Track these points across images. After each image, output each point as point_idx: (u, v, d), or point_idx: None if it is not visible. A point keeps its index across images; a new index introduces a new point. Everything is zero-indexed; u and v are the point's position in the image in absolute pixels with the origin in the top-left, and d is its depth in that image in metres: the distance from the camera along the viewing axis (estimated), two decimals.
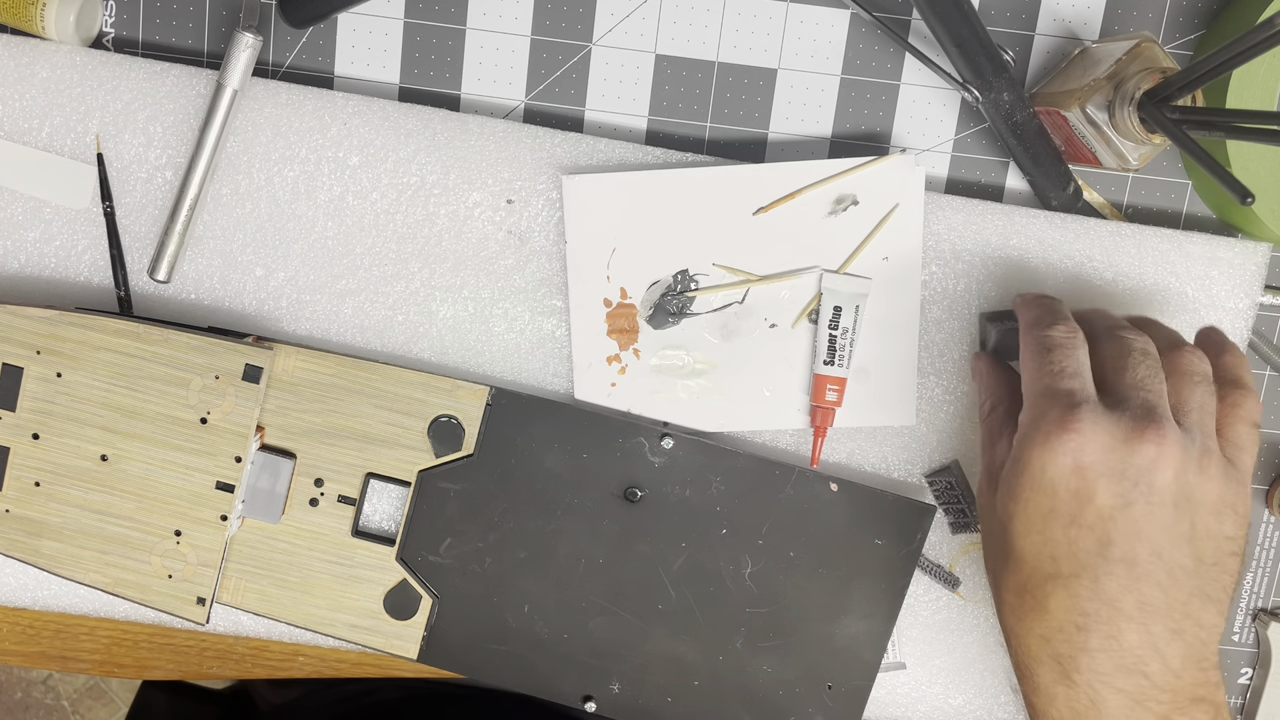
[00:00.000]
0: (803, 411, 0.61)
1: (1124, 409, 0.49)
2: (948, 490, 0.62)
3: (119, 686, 1.54)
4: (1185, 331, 0.62)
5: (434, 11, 0.61)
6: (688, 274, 0.60)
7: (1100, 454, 0.48)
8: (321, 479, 0.59)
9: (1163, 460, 0.48)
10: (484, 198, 0.60)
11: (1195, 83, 0.51)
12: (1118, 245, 0.61)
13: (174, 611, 0.58)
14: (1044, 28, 0.61)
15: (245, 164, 0.60)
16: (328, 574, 0.60)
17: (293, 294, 0.61)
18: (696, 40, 0.61)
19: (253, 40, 0.57)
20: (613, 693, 0.60)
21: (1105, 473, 0.48)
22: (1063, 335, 0.52)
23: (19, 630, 0.64)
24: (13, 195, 0.60)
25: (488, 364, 0.61)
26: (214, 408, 0.57)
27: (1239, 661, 0.67)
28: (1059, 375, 0.50)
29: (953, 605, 0.63)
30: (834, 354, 0.60)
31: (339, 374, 0.58)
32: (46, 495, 0.57)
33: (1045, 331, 0.52)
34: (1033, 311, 0.54)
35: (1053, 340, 0.52)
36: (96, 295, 0.61)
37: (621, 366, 0.61)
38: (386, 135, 0.60)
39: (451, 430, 0.59)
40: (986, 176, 0.62)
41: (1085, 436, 0.48)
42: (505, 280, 0.61)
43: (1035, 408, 0.50)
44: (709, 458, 0.59)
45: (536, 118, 0.62)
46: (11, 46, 0.59)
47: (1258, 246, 0.61)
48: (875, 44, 0.61)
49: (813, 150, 0.62)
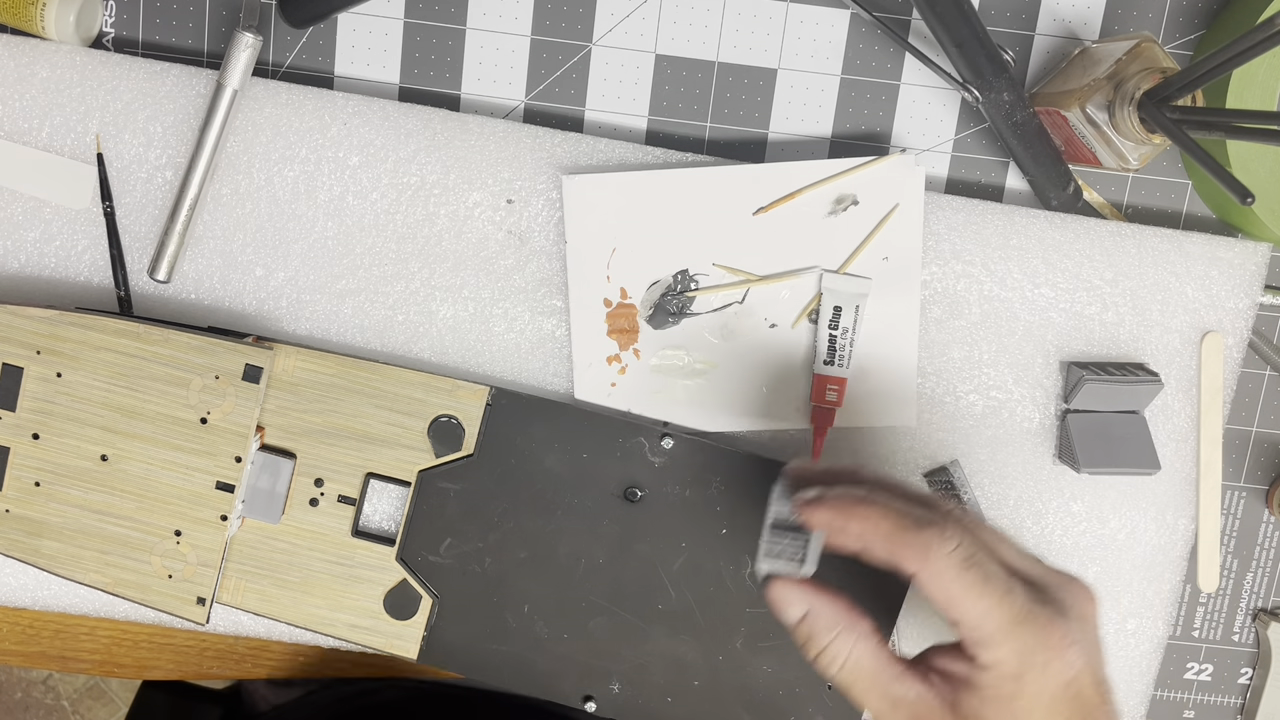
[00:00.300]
0: (803, 411, 0.61)
1: (1046, 593, 0.45)
2: (948, 490, 0.62)
3: (119, 686, 1.54)
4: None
5: (434, 11, 0.61)
6: (688, 274, 0.60)
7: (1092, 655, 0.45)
8: (321, 479, 0.59)
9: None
10: (484, 198, 0.60)
11: (1195, 83, 0.51)
12: (1118, 245, 0.61)
13: (174, 611, 0.58)
14: (1044, 28, 0.61)
15: (245, 164, 0.60)
16: (328, 574, 0.60)
17: (293, 294, 0.61)
18: (696, 40, 0.61)
19: (253, 40, 0.57)
20: (613, 693, 0.60)
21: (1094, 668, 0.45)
22: (971, 545, 0.44)
23: (19, 630, 0.64)
24: (13, 195, 0.60)
25: (488, 364, 0.61)
26: (214, 408, 0.57)
27: (1239, 661, 0.67)
28: (1016, 596, 0.44)
29: None
30: (834, 354, 0.60)
31: (339, 374, 0.58)
32: (46, 495, 0.57)
33: (953, 551, 0.44)
34: (888, 523, 0.45)
35: (978, 558, 0.44)
36: (96, 295, 0.61)
37: (621, 366, 0.61)
38: (386, 135, 0.60)
39: (451, 430, 0.59)
40: (986, 176, 0.62)
41: (1080, 646, 0.44)
42: (505, 280, 0.61)
43: (1015, 638, 0.43)
44: (709, 458, 0.59)
45: (536, 118, 0.62)
46: (11, 46, 0.59)
47: (1258, 246, 0.61)
48: (875, 44, 0.61)
49: (813, 150, 0.62)
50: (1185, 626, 0.66)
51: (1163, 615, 0.63)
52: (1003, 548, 0.46)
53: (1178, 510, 0.63)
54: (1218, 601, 0.66)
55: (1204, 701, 0.67)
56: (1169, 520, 0.63)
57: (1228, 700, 0.67)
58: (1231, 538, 0.65)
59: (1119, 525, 0.63)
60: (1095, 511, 0.63)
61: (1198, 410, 0.62)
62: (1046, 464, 0.62)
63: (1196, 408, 0.62)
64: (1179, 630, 0.66)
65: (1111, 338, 0.62)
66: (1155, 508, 0.63)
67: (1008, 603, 0.43)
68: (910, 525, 0.44)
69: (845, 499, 0.46)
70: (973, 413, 0.62)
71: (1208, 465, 0.62)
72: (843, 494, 0.46)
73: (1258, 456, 0.65)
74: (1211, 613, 0.66)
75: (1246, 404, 0.64)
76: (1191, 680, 0.67)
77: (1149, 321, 0.62)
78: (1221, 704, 0.67)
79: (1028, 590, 0.44)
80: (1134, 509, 0.63)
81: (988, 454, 0.62)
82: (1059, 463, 0.62)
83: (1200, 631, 0.66)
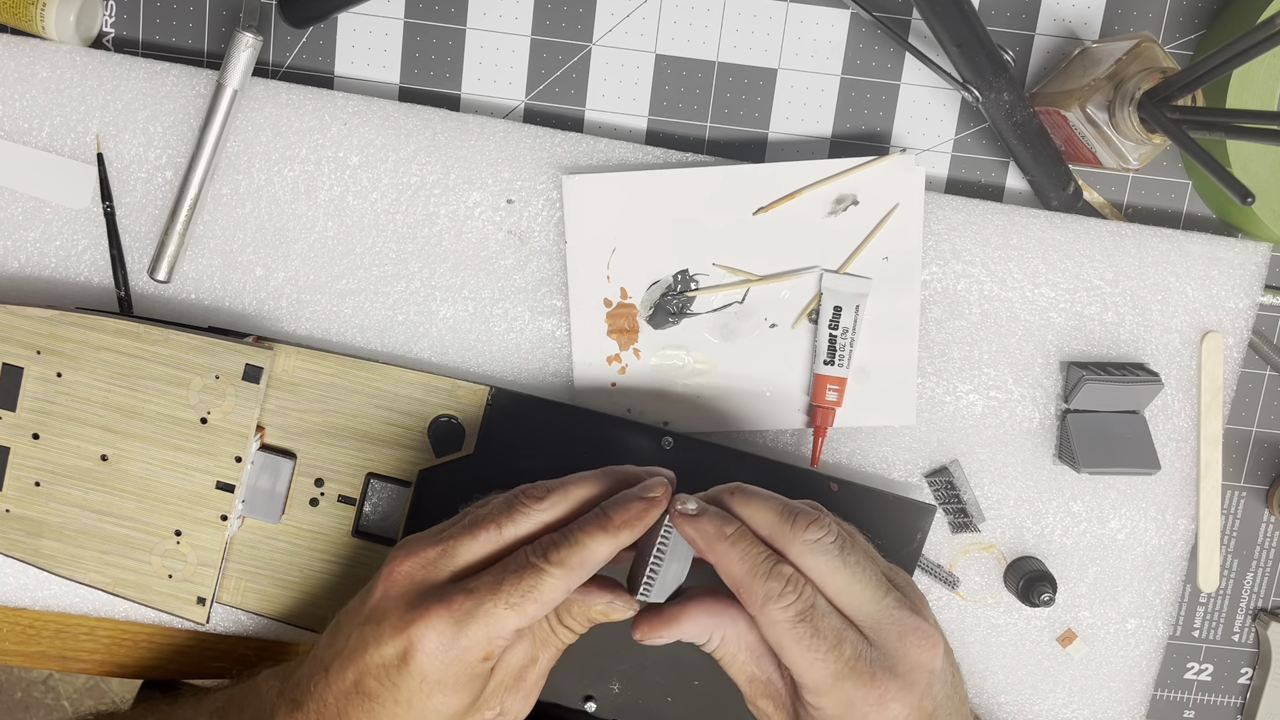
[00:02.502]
0: (803, 411, 0.61)
1: (880, 645, 0.47)
2: (948, 490, 0.62)
3: (119, 686, 1.54)
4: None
5: (434, 11, 0.61)
6: (688, 274, 0.60)
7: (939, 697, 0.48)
8: (321, 479, 0.59)
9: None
10: (484, 198, 0.60)
11: (1195, 83, 0.51)
12: (1118, 245, 0.61)
13: (174, 611, 0.58)
14: (1044, 28, 0.61)
15: (245, 164, 0.60)
16: (328, 574, 0.60)
17: (293, 294, 0.61)
18: (696, 40, 0.61)
19: (253, 40, 0.57)
20: (613, 693, 0.60)
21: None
22: (809, 598, 0.47)
23: (19, 630, 0.64)
24: (13, 195, 0.60)
25: (488, 364, 0.61)
26: (214, 408, 0.57)
27: (1239, 661, 0.67)
28: (844, 650, 0.46)
29: (953, 605, 0.63)
30: (834, 354, 0.60)
31: (339, 374, 0.58)
32: (46, 495, 0.57)
33: (789, 606, 0.46)
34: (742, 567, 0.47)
35: (811, 614, 0.46)
36: (96, 295, 0.61)
37: (621, 366, 0.61)
38: (386, 135, 0.60)
39: (451, 430, 0.59)
40: (986, 176, 0.62)
41: (901, 702, 0.47)
42: (505, 280, 0.61)
43: (838, 691, 0.46)
44: (709, 458, 0.59)
45: (536, 118, 0.62)
46: (11, 46, 0.59)
47: (1258, 246, 0.61)
48: (875, 44, 0.61)
49: (813, 150, 0.62)
50: (1185, 626, 0.66)
51: (1163, 615, 0.63)
52: (856, 587, 0.47)
53: (1178, 510, 0.63)
54: (1218, 601, 0.66)
55: (1204, 701, 0.67)
56: (1169, 520, 0.63)
57: (1228, 700, 0.67)
58: (1231, 538, 0.65)
59: (1119, 525, 0.63)
60: (1095, 511, 0.63)
61: (1198, 410, 0.62)
62: (1046, 464, 0.62)
63: (1196, 408, 0.62)
64: (1179, 630, 0.66)
65: (1111, 338, 0.62)
66: (1155, 508, 0.63)
67: (833, 657, 0.46)
68: (758, 575, 0.46)
69: (711, 529, 0.48)
70: (973, 413, 0.62)
71: (1208, 465, 0.62)
72: (711, 525, 0.48)
73: (1258, 456, 0.65)
74: (1211, 613, 0.66)
75: (1246, 404, 0.64)
76: (1191, 680, 0.67)
77: (1149, 321, 0.62)
78: (1221, 704, 0.67)
79: (857, 645, 0.46)
80: (1134, 509, 0.63)
81: (988, 454, 0.62)
82: (1059, 463, 0.62)
83: (1200, 631, 0.66)
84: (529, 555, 0.47)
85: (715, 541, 0.47)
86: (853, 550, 0.47)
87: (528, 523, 0.49)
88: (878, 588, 0.47)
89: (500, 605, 0.46)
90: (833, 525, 0.48)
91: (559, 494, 0.49)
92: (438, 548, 0.48)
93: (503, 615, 0.46)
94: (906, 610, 0.47)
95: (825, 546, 0.47)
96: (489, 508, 0.50)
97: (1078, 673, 0.64)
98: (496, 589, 0.46)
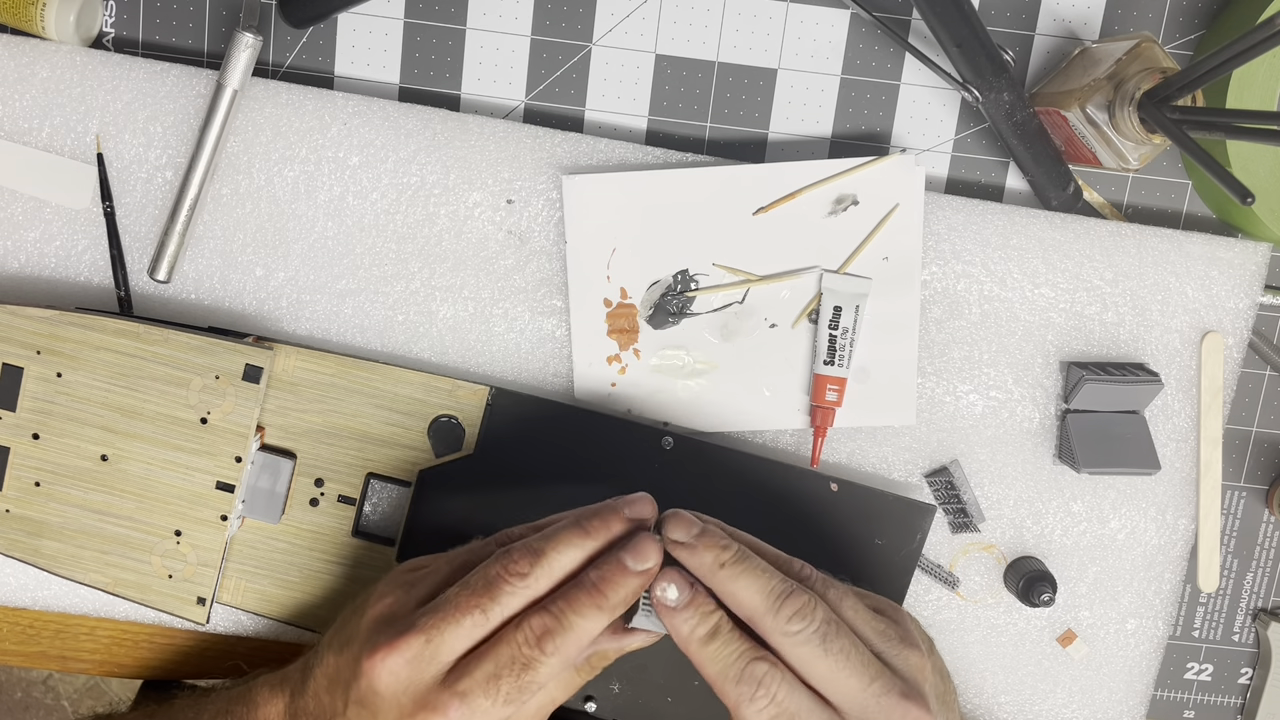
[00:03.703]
0: (803, 411, 0.61)
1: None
2: (948, 490, 0.62)
3: (119, 686, 1.54)
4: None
5: (434, 11, 0.61)
6: (688, 274, 0.60)
7: None
8: (321, 479, 0.59)
9: None
10: (484, 198, 0.60)
11: (1195, 83, 0.51)
12: (1118, 245, 0.61)
13: (174, 611, 0.58)
14: (1044, 28, 0.61)
15: (245, 164, 0.60)
16: (328, 574, 0.60)
17: (293, 294, 0.61)
18: (696, 40, 0.61)
19: (253, 40, 0.57)
20: (613, 693, 0.60)
21: None
22: (783, 704, 0.46)
23: (19, 630, 0.64)
24: (13, 195, 0.60)
25: (488, 364, 0.61)
26: (214, 408, 0.57)
27: (1239, 661, 0.67)
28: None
29: (953, 605, 0.63)
30: (834, 354, 0.60)
31: (339, 374, 0.58)
32: (46, 495, 0.57)
33: (761, 710, 0.46)
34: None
35: (783, 717, 0.46)
36: (96, 295, 0.61)
37: (621, 366, 0.61)
38: (386, 135, 0.60)
39: (451, 430, 0.59)
40: (986, 176, 0.62)
41: None
42: (505, 280, 0.61)
43: None
44: (709, 458, 0.59)
45: (536, 118, 0.62)
46: (11, 46, 0.59)
47: (1258, 246, 0.61)
48: (875, 44, 0.61)
49: (813, 150, 0.62)
50: (1185, 626, 0.66)
51: (1163, 615, 0.63)
52: (839, 676, 0.46)
53: (1178, 510, 0.63)
54: (1218, 601, 0.66)
55: (1204, 701, 0.67)
56: (1169, 520, 0.63)
57: (1228, 700, 0.67)
58: (1231, 538, 0.65)
59: (1119, 525, 0.63)
60: (1095, 511, 0.63)
61: (1198, 410, 0.62)
62: (1046, 464, 0.62)
63: (1196, 408, 0.62)
64: (1179, 630, 0.66)
65: (1111, 338, 0.62)
66: (1155, 508, 0.63)
67: None
68: (728, 679, 0.46)
69: (685, 630, 0.47)
70: (973, 413, 0.62)
71: (1208, 465, 0.62)
72: (685, 626, 0.47)
73: (1258, 456, 0.65)
74: (1211, 613, 0.66)
75: (1246, 404, 0.64)
76: (1191, 680, 0.67)
77: (1149, 321, 0.62)
78: (1221, 704, 0.67)
79: None
80: (1134, 509, 0.63)
81: (988, 454, 0.62)
82: (1059, 463, 0.62)
83: (1200, 631, 0.66)
84: (522, 647, 0.46)
85: (688, 642, 0.47)
86: (837, 637, 0.46)
87: (514, 601, 0.47)
88: (863, 674, 0.46)
89: (499, 704, 0.45)
90: (817, 611, 0.47)
91: (543, 567, 0.47)
92: (421, 637, 0.46)
93: (500, 713, 0.46)
94: (895, 695, 0.47)
95: (806, 638, 0.46)
96: (469, 580, 0.48)
97: (1078, 673, 0.64)
98: (493, 690, 0.46)
